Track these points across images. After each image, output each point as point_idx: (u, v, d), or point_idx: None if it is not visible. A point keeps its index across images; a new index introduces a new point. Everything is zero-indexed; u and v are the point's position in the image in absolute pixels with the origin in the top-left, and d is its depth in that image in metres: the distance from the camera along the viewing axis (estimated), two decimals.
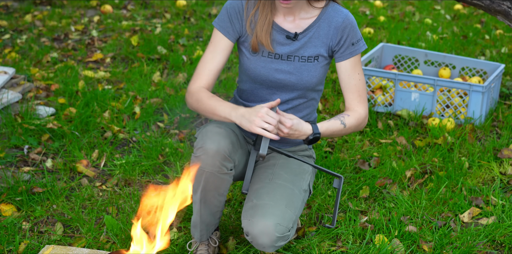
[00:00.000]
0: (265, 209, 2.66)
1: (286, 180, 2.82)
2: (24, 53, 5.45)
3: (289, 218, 2.69)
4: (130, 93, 4.66)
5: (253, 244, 2.69)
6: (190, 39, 5.91)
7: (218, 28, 2.83)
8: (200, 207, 2.84)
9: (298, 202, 2.78)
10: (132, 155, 3.90)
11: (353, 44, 2.83)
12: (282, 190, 2.76)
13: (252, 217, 2.66)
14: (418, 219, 3.35)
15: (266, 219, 2.63)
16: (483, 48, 5.73)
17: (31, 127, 4.09)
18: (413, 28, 6.23)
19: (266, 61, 2.83)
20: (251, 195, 2.78)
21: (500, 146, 4.03)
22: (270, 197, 2.72)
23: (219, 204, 2.86)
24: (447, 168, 3.78)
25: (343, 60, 2.84)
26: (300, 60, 2.82)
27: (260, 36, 2.79)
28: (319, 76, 2.86)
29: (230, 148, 2.73)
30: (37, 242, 3.13)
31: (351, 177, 3.71)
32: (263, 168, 2.92)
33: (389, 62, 4.93)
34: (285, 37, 2.81)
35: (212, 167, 2.71)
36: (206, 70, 2.83)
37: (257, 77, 2.85)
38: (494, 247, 3.20)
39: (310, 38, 2.82)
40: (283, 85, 2.85)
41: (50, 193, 3.49)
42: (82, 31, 6.08)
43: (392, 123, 4.30)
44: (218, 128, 2.77)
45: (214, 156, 2.69)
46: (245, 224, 2.68)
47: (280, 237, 2.65)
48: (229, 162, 2.74)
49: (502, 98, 4.73)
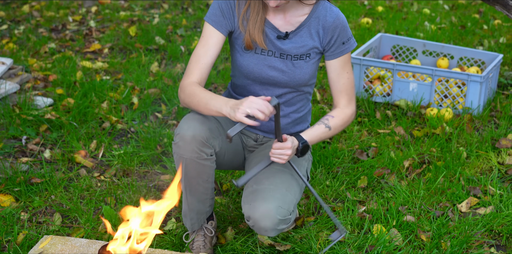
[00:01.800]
0: (265, 193, 2.67)
1: (285, 165, 2.83)
2: (21, 44, 5.44)
3: (290, 201, 2.70)
4: (128, 84, 4.66)
5: (255, 228, 2.69)
6: (188, 29, 5.90)
7: (210, 22, 2.79)
8: (186, 195, 2.85)
9: (297, 186, 2.80)
10: (130, 145, 3.90)
11: (343, 43, 2.82)
12: (281, 175, 2.78)
13: (253, 202, 2.67)
14: (416, 209, 3.35)
15: (268, 202, 2.64)
16: (481, 38, 5.72)
17: (29, 117, 4.09)
18: (411, 18, 6.22)
19: (259, 58, 2.83)
20: (251, 181, 2.79)
21: (498, 136, 4.03)
22: (270, 181, 2.74)
23: (206, 191, 2.87)
24: (445, 158, 3.78)
25: (333, 59, 2.85)
26: (293, 59, 2.82)
27: (253, 34, 2.77)
28: (311, 72, 2.86)
29: (207, 134, 2.73)
30: (35, 232, 3.13)
31: (349, 167, 3.71)
32: (261, 156, 2.93)
33: (387, 53, 4.93)
34: (276, 37, 2.80)
35: (191, 153, 2.72)
36: (199, 65, 2.81)
37: (249, 74, 2.85)
38: (491, 236, 3.21)
39: (302, 37, 2.81)
40: (275, 82, 2.85)
41: (49, 184, 3.49)
42: (80, 21, 6.07)
43: (390, 114, 4.30)
44: (196, 114, 2.77)
45: (191, 142, 2.70)
46: (246, 208, 2.69)
47: (281, 219, 2.66)
48: (207, 148, 2.74)
49: (500, 88, 4.73)
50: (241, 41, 2.82)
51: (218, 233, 3.14)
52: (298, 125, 3.03)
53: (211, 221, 3.05)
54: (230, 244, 3.07)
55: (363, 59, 4.48)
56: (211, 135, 2.75)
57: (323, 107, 4.36)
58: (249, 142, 3.03)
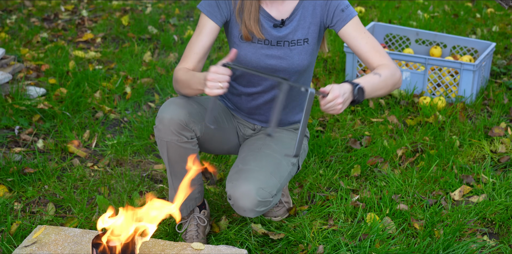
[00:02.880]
0: (249, 173, 2.68)
1: (275, 150, 2.83)
2: (14, 33, 5.42)
3: (273, 184, 2.70)
4: (121, 73, 4.65)
5: (234, 207, 2.69)
6: (181, 19, 5.89)
7: (204, 12, 2.79)
8: (172, 180, 2.86)
9: (284, 172, 2.79)
10: (123, 135, 3.89)
11: (343, 11, 2.79)
12: (269, 159, 2.78)
13: (235, 180, 2.67)
14: (409, 197, 3.36)
15: (249, 183, 2.64)
16: (474, 26, 5.72)
17: (21, 107, 4.08)
18: (404, 7, 6.22)
19: (256, 47, 2.82)
20: (238, 161, 2.80)
21: (491, 124, 4.04)
22: (257, 163, 2.74)
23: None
24: (438, 147, 3.79)
25: (342, 27, 2.78)
26: (290, 45, 2.81)
27: (249, 25, 2.77)
28: (309, 58, 2.85)
29: (186, 118, 2.72)
30: (29, 222, 3.13)
31: (343, 156, 3.72)
32: (254, 139, 2.93)
33: (380, 41, 4.92)
34: (272, 26, 2.79)
35: (170, 136, 2.72)
36: (192, 54, 2.81)
37: (247, 64, 2.83)
38: (484, 224, 3.22)
39: (298, 21, 2.80)
40: (274, 70, 2.84)
41: (42, 174, 3.49)
42: (72, 11, 6.04)
43: (384, 102, 4.31)
44: (178, 99, 2.78)
45: (169, 125, 2.71)
46: (229, 187, 2.69)
47: (261, 201, 2.65)
48: (187, 131, 2.74)
49: (493, 77, 4.73)
50: (237, 31, 2.81)
51: (212, 222, 3.15)
52: (298, 114, 3.03)
53: (203, 210, 3.05)
54: (223, 233, 3.08)
55: None
56: (190, 119, 2.74)
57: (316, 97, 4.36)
58: (246, 131, 3.03)
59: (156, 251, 2.54)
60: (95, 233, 2.61)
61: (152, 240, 2.59)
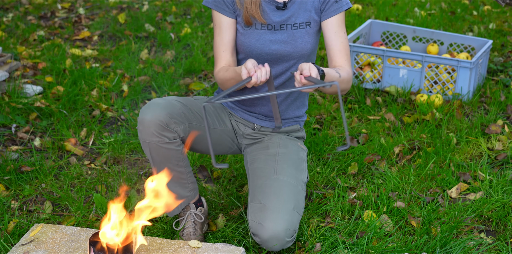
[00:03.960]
0: (274, 214, 2.64)
1: (290, 175, 2.81)
2: (10, 31, 5.41)
3: (297, 220, 2.70)
4: (118, 71, 4.64)
5: (261, 245, 2.69)
6: (177, 16, 5.88)
7: (214, 8, 2.84)
8: None
9: (302, 200, 2.78)
10: (120, 133, 3.89)
11: (336, 1, 2.83)
12: (288, 190, 2.75)
13: (262, 221, 2.64)
14: (407, 195, 3.37)
15: (276, 225, 2.62)
16: (471, 24, 5.72)
17: (18, 105, 4.07)
18: (401, 4, 6.22)
19: (260, 33, 2.83)
20: (257, 192, 2.76)
21: (488, 122, 4.04)
22: (278, 198, 2.70)
23: (182, 175, 2.87)
24: (435, 144, 3.79)
25: (328, 18, 2.84)
26: (293, 28, 2.83)
27: (250, 9, 2.79)
28: (312, 42, 2.86)
29: (167, 119, 2.72)
30: (26, 220, 3.13)
31: (340, 154, 3.72)
32: (263, 160, 2.90)
33: (377, 39, 4.92)
34: (274, 8, 2.81)
35: (151, 137, 2.73)
36: (221, 53, 2.86)
37: (252, 51, 2.85)
38: (481, 222, 3.22)
39: (299, 4, 2.82)
40: (279, 56, 2.85)
41: (39, 172, 3.49)
42: (69, 9, 6.04)
43: (381, 100, 4.31)
44: (159, 100, 2.79)
45: (150, 126, 2.71)
46: (254, 226, 2.67)
47: (289, 241, 2.68)
48: (169, 132, 2.74)
49: (490, 74, 4.74)
50: (241, 18, 2.84)
51: (209, 220, 3.15)
52: (297, 109, 3.04)
53: (200, 207, 3.04)
54: (221, 231, 3.08)
55: (353, 46, 4.47)
56: (171, 120, 2.74)
57: (313, 94, 4.36)
58: (247, 130, 3.02)
59: (153, 249, 2.54)
60: (92, 231, 2.61)
61: (149, 238, 2.59)
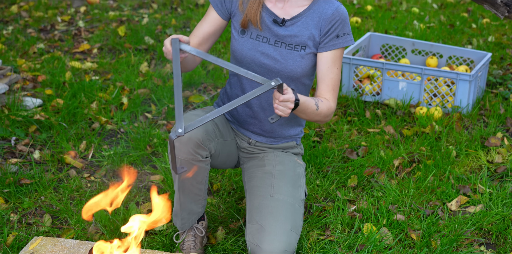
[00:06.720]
0: (272, 236, 2.64)
1: (287, 193, 2.80)
2: (10, 44, 5.43)
3: (295, 240, 2.68)
4: (118, 84, 4.65)
5: None
6: (177, 29, 5.89)
7: (212, 4, 2.90)
8: (179, 195, 2.85)
9: (300, 219, 2.77)
10: (120, 145, 3.89)
11: (337, 37, 2.81)
12: (285, 209, 2.73)
13: (259, 243, 2.63)
14: (406, 207, 3.36)
15: (274, 247, 2.61)
16: (470, 37, 5.74)
17: (18, 118, 4.08)
18: (400, 17, 6.24)
19: (254, 43, 2.84)
20: (254, 212, 2.75)
21: (487, 134, 4.04)
22: (275, 218, 2.69)
23: (200, 192, 2.87)
24: (434, 157, 3.79)
25: (324, 51, 2.83)
26: (287, 48, 2.83)
27: (250, 13, 2.81)
28: (304, 66, 2.85)
29: (203, 136, 2.74)
30: (25, 233, 3.12)
31: (339, 166, 3.72)
32: (259, 178, 2.89)
33: (377, 52, 4.93)
34: (272, 21, 2.82)
35: (186, 155, 2.72)
36: (191, 36, 2.92)
37: (243, 59, 2.86)
38: (481, 235, 3.22)
39: (299, 27, 2.82)
40: (268, 70, 2.85)
41: (38, 185, 3.48)
42: (68, 21, 6.05)
43: (380, 113, 4.31)
44: (194, 116, 2.79)
45: (187, 143, 2.71)
46: (252, 248, 2.66)
47: None
48: (203, 150, 2.75)
49: (489, 87, 4.74)
50: (238, 23, 2.86)
51: (209, 233, 3.14)
52: (292, 128, 3.03)
53: (201, 221, 3.05)
54: (220, 244, 3.07)
55: (352, 59, 4.48)
56: (207, 137, 2.76)
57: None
58: (243, 143, 3.03)
59: None
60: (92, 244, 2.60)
61: (149, 251, 2.58)
